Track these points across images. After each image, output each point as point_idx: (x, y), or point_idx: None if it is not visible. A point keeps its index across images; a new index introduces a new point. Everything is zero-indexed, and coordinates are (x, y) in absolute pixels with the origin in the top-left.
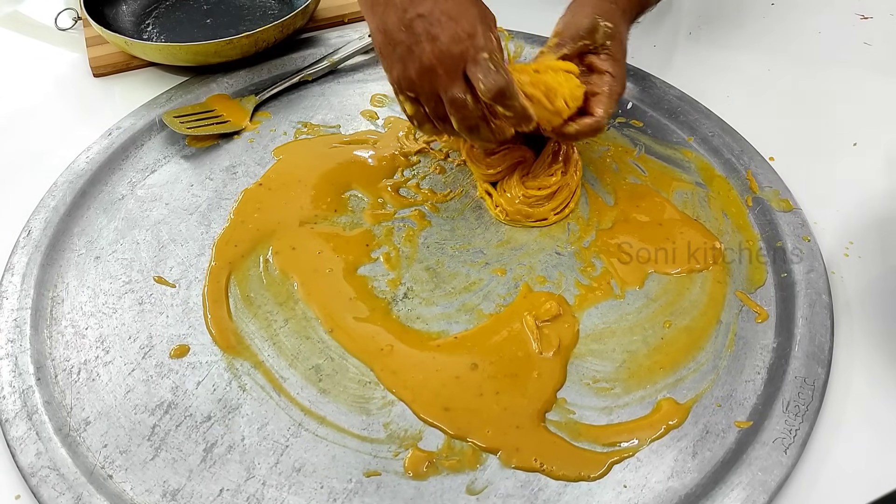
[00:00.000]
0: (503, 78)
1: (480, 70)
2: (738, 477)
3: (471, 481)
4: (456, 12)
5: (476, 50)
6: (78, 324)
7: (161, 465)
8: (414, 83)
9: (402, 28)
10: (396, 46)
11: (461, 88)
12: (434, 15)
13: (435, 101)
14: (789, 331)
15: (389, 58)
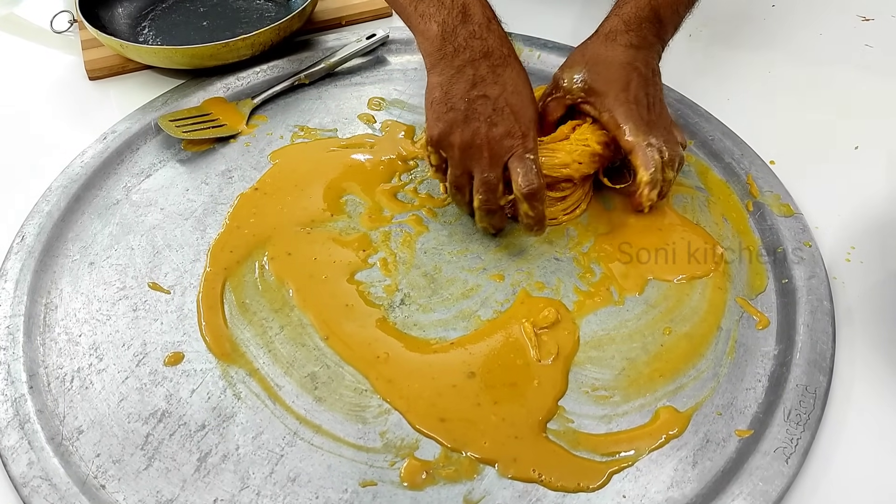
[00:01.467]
0: (540, 182)
1: (523, 167)
2: (738, 487)
3: (468, 491)
4: (518, 108)
5: (525, 150)
6: (71, 331)
7: (154, 475)
8: (453, 150)
9: (466, 99)
10: (452, 111)
11: (497, 175)
12: (499, 102)
13: (462, 172)
14: (790, 338)
15: (439, 116)
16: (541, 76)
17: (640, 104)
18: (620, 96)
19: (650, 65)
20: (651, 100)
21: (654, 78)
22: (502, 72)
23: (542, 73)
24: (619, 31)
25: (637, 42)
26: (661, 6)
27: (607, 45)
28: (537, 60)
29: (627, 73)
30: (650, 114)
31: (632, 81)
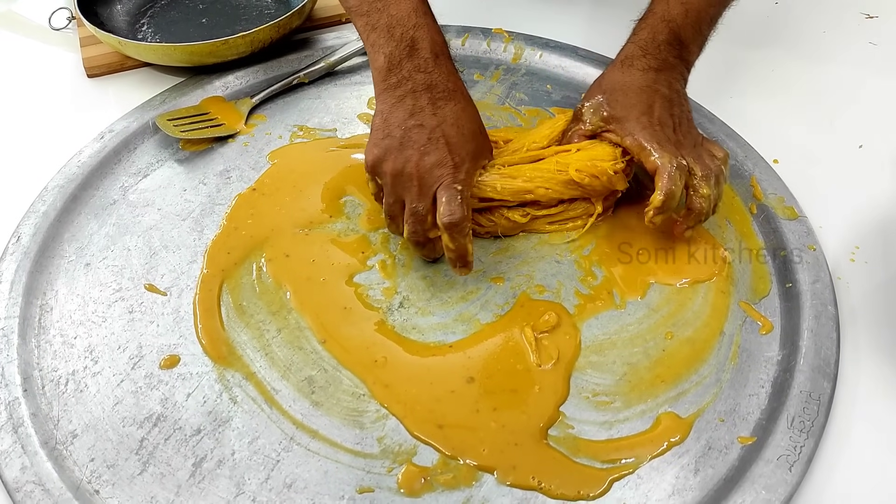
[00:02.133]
0: (463, 213)
1: (447, 196)
2: (741, 495)
3: (466, 498)
4: (455, 140)
5: (454, 179)
6: (66, 333)
7: (149, 480)
8: (386, 177)
9: (402, 128)
10: (388, 138)
11: (426, 206)
12: (435, 133)
13: (394, 200)
14: (794, 343)
15: (376, 142)
16: (542, 76)
17: (665, 125)
18: (643, 119)
19: (673, 86)
20: (677, 120)
21: (679, 98)
22: (444, 105)
23: (543, 73)
24: (636, 56)
25: (656, 65)
26: (682, 27)
27: (624, 71)
28: (538, 60)
29: (649, 96)
30: (677, 133)
31: (654, 104)
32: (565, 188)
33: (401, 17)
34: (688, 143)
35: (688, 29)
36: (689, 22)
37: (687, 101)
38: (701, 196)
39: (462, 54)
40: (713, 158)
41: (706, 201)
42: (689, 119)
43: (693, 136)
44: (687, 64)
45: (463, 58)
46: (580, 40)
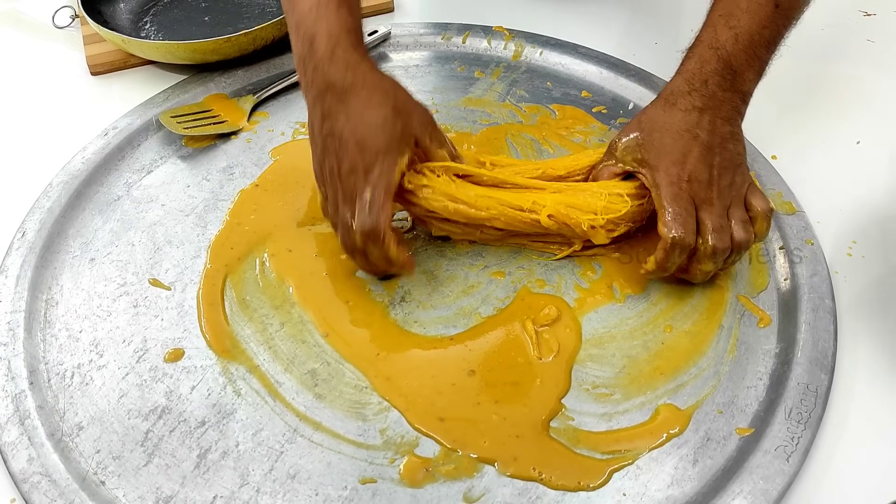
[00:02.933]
0: (373, 221)
1: (358, 206)
2: (739, 485)
3: (468, 489)
4: (363, 138)
5: (367, 184)
6: (72, 327)
7: (154, 472)
8: (324, 187)
9: (321, 135)
10: (315, 146)
11: (351, 213)
12: (344, 136)
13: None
14: (792, 336)
15: (313, 153)
16: (542, 73)
17: (697, 180)
18: (672, 171)
19: (718, 129)
20: (717, 171)
21: (723, 145)
22: (347, 100)
23: (543, 71)
24: (681, 93)
25: (702, 103)
26: (732, 54)
27: (666, 109)
28: (539, 57)
29: (686, 143)
30: (711, 189)
31: (690, 152)
32: (529, 227)
33: (304, 14)
34: (720, 202)
35: (739, 55)
36: (740, 48)
37: (737, 142)
38: (700, 269)
39: (463, 52)
40: (745, 225)
41: (703, 275)
42: (734, 166)
43: (734, 189)
44: (742, 95)
45: (463, 55)
46: (580, 38)
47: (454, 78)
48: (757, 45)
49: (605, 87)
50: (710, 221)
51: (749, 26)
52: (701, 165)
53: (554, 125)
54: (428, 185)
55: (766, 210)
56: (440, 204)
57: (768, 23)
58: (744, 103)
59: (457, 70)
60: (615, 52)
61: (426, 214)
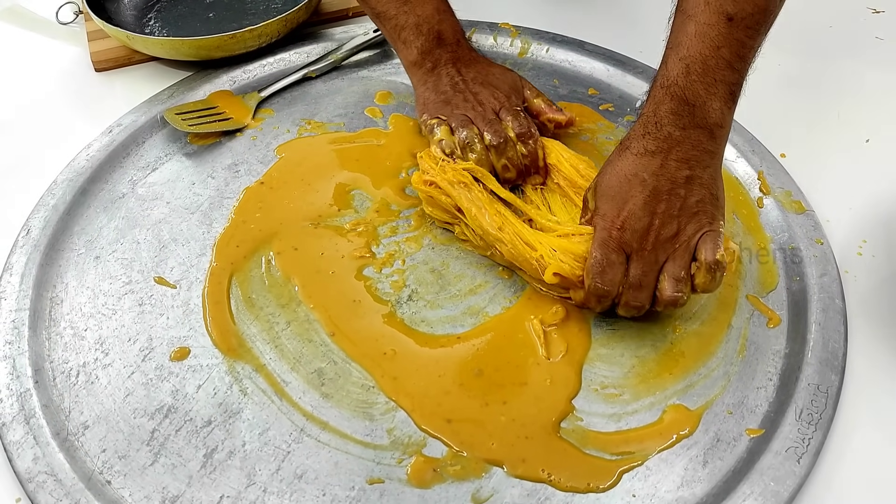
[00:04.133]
0: (527, 126)
1: (512, 116)
2: (749, 487)
3: (476, 489)
4: (494, 83)
5: (511, 105)
6: (77, 325)
7: (160, 471)
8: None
9: (450, 86)
10: (441, 94)
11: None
12: (476, 81)
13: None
14: (802, 336)
15: (435, 107)
16: (549, 70)
17: (632, 228)
18: (608, 216)
19: (668, 174)
20: (658, 220)
21: (673, 191)
22: (471, 66)
23: (549, 68)
24: (636, 137)
25: (654, 146)
26: (687, 89)
27: (620, 154)
28: (545, 54)
29: (629, 189)
30: (645, 240)
31: (630, 199)
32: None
33: (427, 16)
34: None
35: (695, 87)
36: (693, 79)
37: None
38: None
39: None
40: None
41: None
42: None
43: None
44: (709, 128)
45: None
46: (586, 35)
47: None
48: (715, 70)
49: (612, 85)
50: (632, 274)
51: (700, 52)
52: (640, 212)
53: None
54: (466, 185)
55: (709, 262)
56: (467, 204)
57: (723, 41)
58: (714, 138)
59: None
60: (622, 49)
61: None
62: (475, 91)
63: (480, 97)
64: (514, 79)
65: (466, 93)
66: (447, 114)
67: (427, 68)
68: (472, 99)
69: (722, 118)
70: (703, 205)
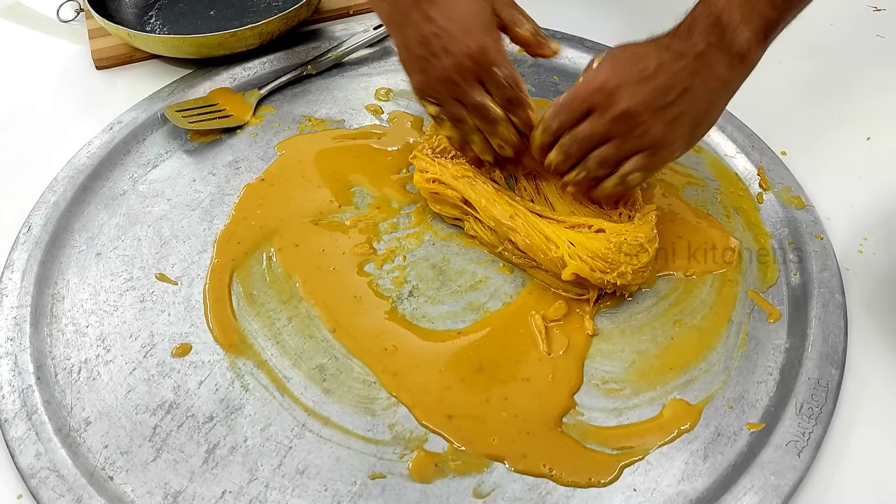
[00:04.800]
0: (515, 91)
1: (494, 84)
2: (750, 480)
3: (477, 484)
4: (465, 28)
5: (489, 64)
6: (78, 322)
7: (162, 467)
8: (435, 90)
9: (420, 43)
10: (416, 60)
11: (480, 93)
12: (447, 31)
13: (452, 105)
14: (802, 331)
15: (411, 69)
16: (549, 67)
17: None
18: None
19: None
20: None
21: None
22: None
23: (549, 65)
24: (666, 35)
25: (675, 46)
26: (724, 10)
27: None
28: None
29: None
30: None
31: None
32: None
33: None
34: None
35: (733, 11)
36: (733, 3)
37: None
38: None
39: None
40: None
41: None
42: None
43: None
44: (732, 55)
45: None
46: (587, 32)
47: None
48: (756, 1)
49: None
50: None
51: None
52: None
53: None
54: (471, 177)
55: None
56: (476, 196)
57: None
58: (732, 66)
59: None
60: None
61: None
62: (449, 50)
63: (456, 60)
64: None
65: (441, 55)
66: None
67: (386, 10)
68: (449, 65)
69: (747, 48)
70: (678, 123)
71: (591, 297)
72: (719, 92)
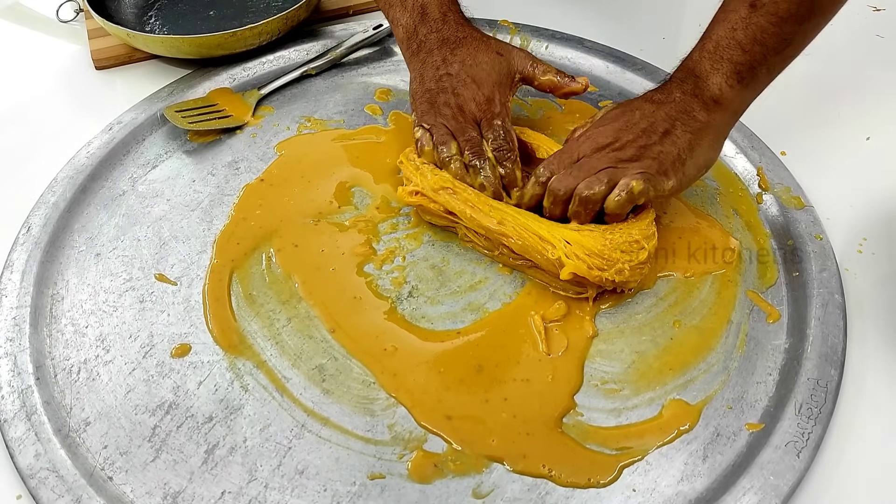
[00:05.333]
0: (509, 143)
1: (493, 133)
2: (749, 481)
3: (477, 484)
4: (479, 78)
5: (492, 115)
6: (78, 322)
7: (162, 467)
8: (434, 118)
9: (435, 79)
10: (428, 92)
11: (476, 132)
12: (461, 76)
13: (444, 131)
14: (801, 331)
15: (419, 99)
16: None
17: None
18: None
19: (653, 118)
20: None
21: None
22: (458, 51)
23: (550, 64)
24: (651, 91)
25: (656, 97)
26: (697, 62)
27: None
28: (545, 51)
29: (617, 115)
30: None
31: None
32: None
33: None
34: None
35: (704, 62)
36: (704, 55)
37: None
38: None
39: None
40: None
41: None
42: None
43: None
44: (705, 101)
45: None
46: (586, 32)
47: None
48: (724, 49)
49: (611, 82)
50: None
51: (717, 33)
52: (609, 130)
53: (560, 119)
54: (451, 188)
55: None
56: (460, 207)
57: (740, 25)
58: (708, 110)
59: None
60: (621, 47)
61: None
62: (458, 92)
63: (462, 101)
64: (501, 68)
65: (449, 94)
66: (430, 122)
67: (413, 50)
68: (454, 104)
69: (720, 94)
70: (664, 156)
71: (591, 296)
72: (701, 132)
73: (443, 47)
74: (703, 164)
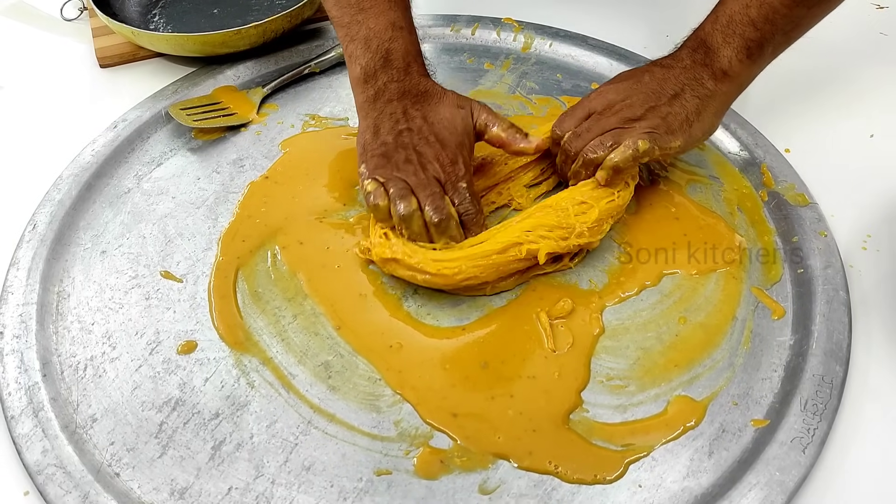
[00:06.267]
0: (474, 208)
1: (458, 197)
2: (755, 477)
3: (483, 480)
4: (443, 137)
5: (457, 178)
6: (84, 319)
7: (169, 463)
8: (390, 172)
9: (393, 133)
10: (383, 145)
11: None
12: (423, 132)
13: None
14: (806, 328)
15: (373, 152)
16: (552, 65)
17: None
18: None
19: (662, 81)
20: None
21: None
22: (421, 106)
23: (553, 63)
24: (662, 57)
25: (667, 63)
26: (709, 33)
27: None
28: (549, 49)
29: (626, 77)
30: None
31: (621, 82)
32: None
33: (378, 31)
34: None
35: (715, 34)
36: (717, 27)
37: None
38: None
39: (472, 44)
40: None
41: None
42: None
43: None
44: (714, 71)
45: (473, 47)
46: (590, 30)
47: (463, 70)
48: (737, 24)
49: None
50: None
51: (731, 8)
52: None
53: None
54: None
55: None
56: (409, 274)
57: (754, 3)
58: (716, 80)
59: (466, 62)
60: (625, 44)
61: None
62: (420, 150)
63: (424, 159)
64: (465, 124)
65: (409, 150)
66: (386, 175)
67: (370, 95)
68: (416, 160)
69: (729, 66)
70: (672, 118)
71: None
72: (709, 99)
73: (403, 98)
74: (708, 129)
